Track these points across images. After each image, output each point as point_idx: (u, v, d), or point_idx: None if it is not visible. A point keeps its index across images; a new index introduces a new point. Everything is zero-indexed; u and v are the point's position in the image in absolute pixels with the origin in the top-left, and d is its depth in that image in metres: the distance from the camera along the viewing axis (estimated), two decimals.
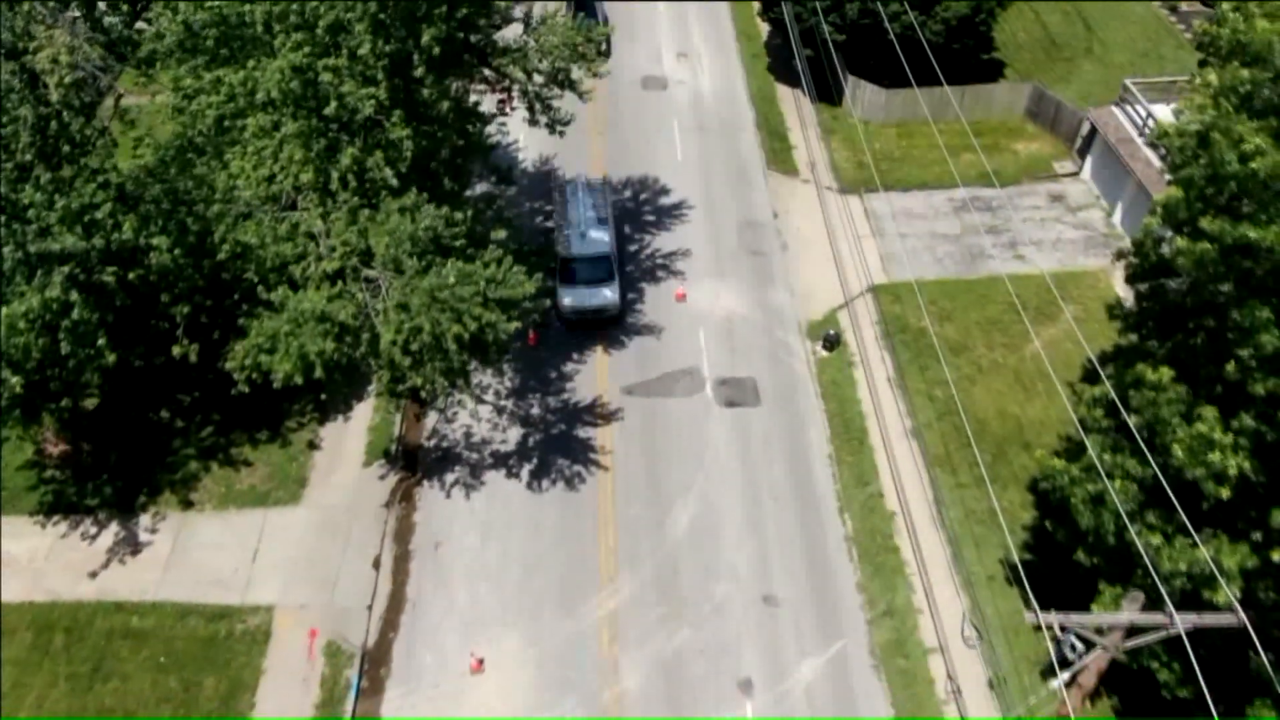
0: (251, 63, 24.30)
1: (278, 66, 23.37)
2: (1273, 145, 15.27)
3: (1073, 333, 33.02)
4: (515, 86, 29.67)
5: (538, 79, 29.68)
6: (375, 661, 27.56)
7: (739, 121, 46.19)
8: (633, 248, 39.68)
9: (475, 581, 29.21)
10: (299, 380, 25.04)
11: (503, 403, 34.15)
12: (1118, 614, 14.70)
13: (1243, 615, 14.71)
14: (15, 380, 24.77)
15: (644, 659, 27.40)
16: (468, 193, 31.12)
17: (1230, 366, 16.71)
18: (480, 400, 33.89)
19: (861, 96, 45.12)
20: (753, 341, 36.03)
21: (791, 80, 48.01)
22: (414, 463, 32.42)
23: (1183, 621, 14.27)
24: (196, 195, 27.21)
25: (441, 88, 26.31)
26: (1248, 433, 16.51)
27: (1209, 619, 15.16)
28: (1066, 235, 39.84)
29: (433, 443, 33.07)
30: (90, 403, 31.20)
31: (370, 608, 28.63)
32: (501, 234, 28.18)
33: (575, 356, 35.50)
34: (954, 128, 41.67)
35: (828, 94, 46.65)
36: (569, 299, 35.87)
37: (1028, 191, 41.97)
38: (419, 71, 24.84)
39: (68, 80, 23.07)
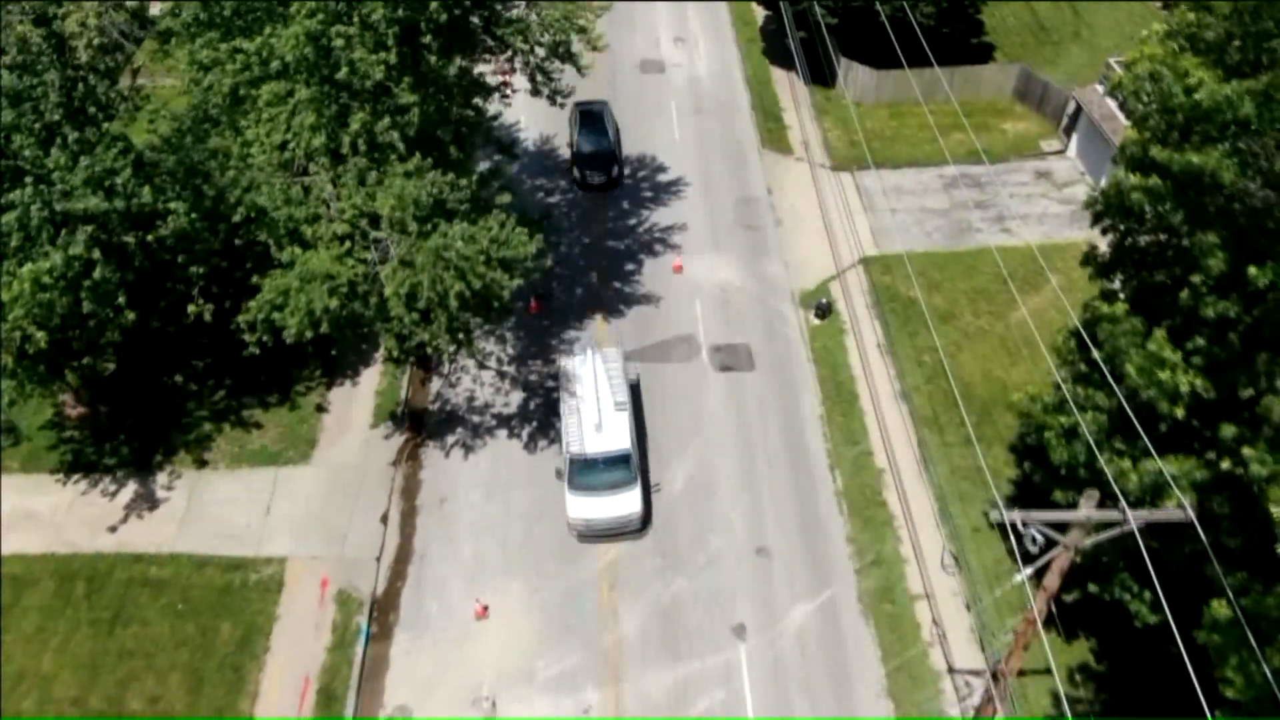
0: (268, 29, 25.45)
1: (293, 33, 24.54)
2: (1213, 78, 16.47)
3: (1057, 300, 34.28)
4: (518, 58, 30.81)
5: (540, 51, 30.83)
6: (384, 609, 28.71)
7: (734, 103, 47.36)
8: (631, 222, 40.84)
9: (480, 535, 30.36)
10: (309, 334, 26.22)
11: (505, 368, 35.31)
12: (1075, 511, 15.85)
13: (1189, 510, 15.85)
14: (40, 335, 25.88)
15: (642, 606, 28.56)
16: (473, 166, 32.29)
17: (1184, 293, 17.94)
18: (483, 366, 35.09)
19: (854, 78, 46.28)
20: (747, 310, 37.19)
21: (786, 64, 49.21)
22: (420, 425, 33.57)
23: (1135, 518, 15.41)
24: (211, 166, 28.38)
25: (448, 56, 27.46)
26: (1201, 352, 17.73)
27: (1159, 514, 16.29)
28: (1052, 210, 41.01)
29: (437, 406, 34.24)
30: (107, 365, 32.26)
31: (379, 559, 29.77)
32: (506, 199, 29.38)
33: (576, 324, 36.65)
34: (944, 108, 42.93)
35: (821, 76, 47.87)
36: (580, 510, 29.08)
37: (1015, 169, 43.14)
38: (426, 39, 25.99)
39: (95, 43, 24.24)
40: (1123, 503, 16.02)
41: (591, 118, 42.79)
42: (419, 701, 26.69)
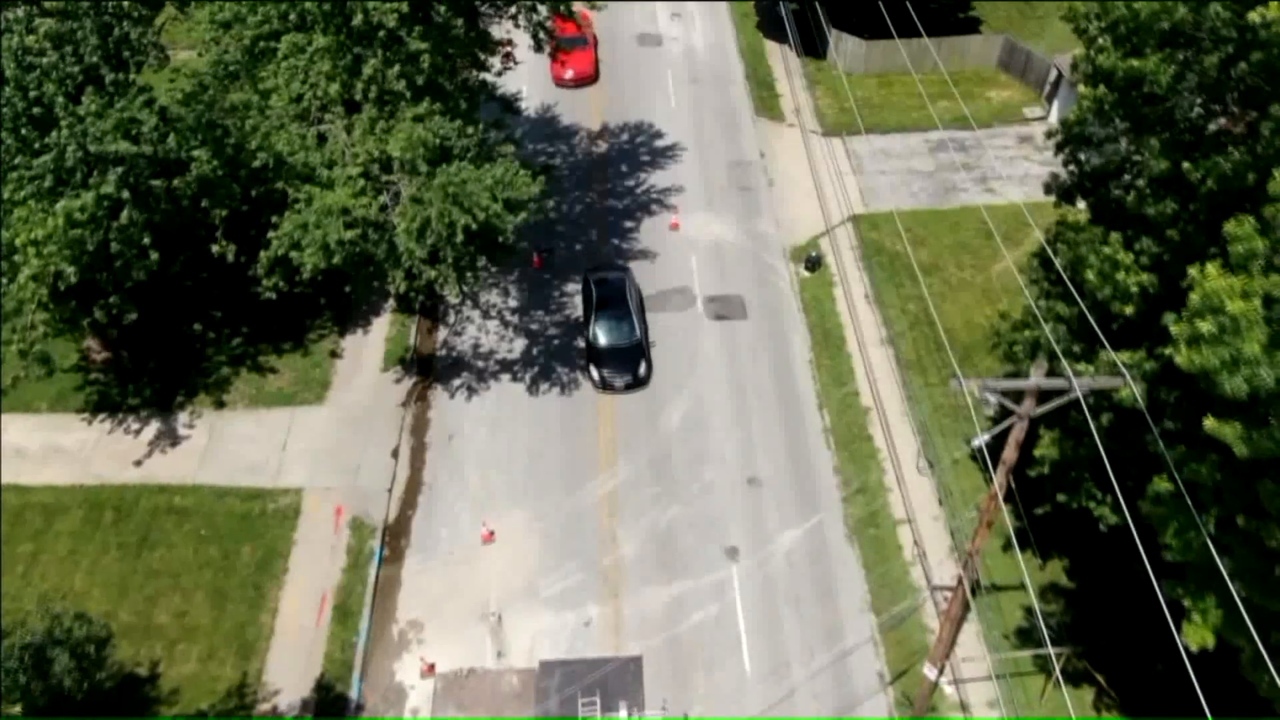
0: None
1: None
2: None
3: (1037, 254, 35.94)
4: (521, 15, 32.46)
5: (542, 10, 32.49)
6: (395, 534, 30.36)
7: (729, 74, 49.06)
8: (630, 184, 42.50)
9: (486, 468, 32.00)
10: (323, 265, 27.84)
11: (509, 318, 36.94)
12: (1026, 379, 17.49)
13: (1129, 378, 17.45)
14: (71, 270, 27.47)
15: (639, 531, 30.21)
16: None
17: (1131, 198, 19.61)
18: (487, 316, 36.76)
19: (844, 49, 47.94)
20: (740, 264, 38.87)
21: (779, 37, 50.95)
22: (428, 369, 35.23)
23: (1080, 385, 17.03)
24: (230, 122, 29.96)
25: (455, 9, 29.13)
26: (1147, 252, 19.41)
27: (1100, 381, 17.94)
28: (1033, 171, 42.57)
29: (444, 352, 35.88)
30: (129, 310, 33.84)
31: (390, 490, 31.41)
32: (510, 149, 31.06)
33: (576, 278, 38.24)
34: (930, 78, 44.57)
35: (813, 48, 49.58)
36: None
37: (998, 134, 44.82)
38: None
39: None
40: (1068, 370, 17.70)
41: (609, 293, 35.48)
42: (429, 616, 28.33)
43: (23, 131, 27.19)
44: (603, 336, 34.40)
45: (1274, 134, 16.07)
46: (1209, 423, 15.75)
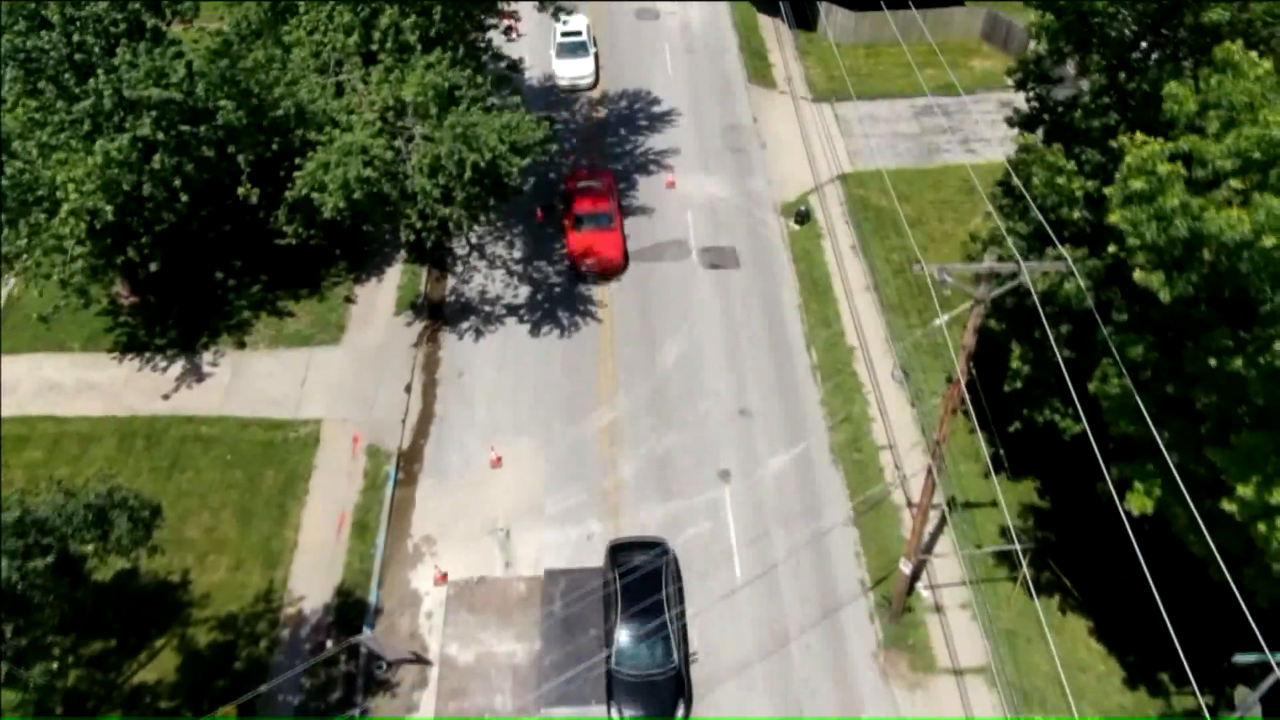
0: None
1: None
2: None
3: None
4: None
5: None
6: (409, 460, 32.36)
7: (723, 45, 51.12)
8: (628, 146, 44.52)
9: (493, 401, 34.02)
10: (344, 205, 29.84)
11: (513, 267, 38.97)
12: (980, 264, 19.51)
13: (1070, 261, 19.46)
14: (107, 209, 29.49)
15: (638, 456, 32.22)
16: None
17: (1078, 115, 21.66)
18: (493, 265, 38.79)
19: (834, 20, 50.03)
20: (733, 219, 40.90)
21: (771, 10, 52.99)
22: (438, 313, 37.24)
23: (1028, 268, 19.06)
24: (252, 82, 31.95)
25: None
26: (1091, 162, 21.50)
27: (1046, 264, 19.99)
28: (1013, 133, 44.54)
29: (453, 298, 37.90)
30: (156, 259, 35.86)
31: (404, 421, 33.40)
32: (516, 99, 33.10)
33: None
34: (916, 48, 46.53)
35: (804, 21, 51.64)
36: None
37: (980, 100, 46.82)
38: None
39: None
40: (1017, 256, 19.74)
41: (639, 591, 26.28)
42: (442, 532, 30.34)
43: (64, 78, 29.23)
44: (627, 658, 25.16)
45: (1189, 39, 18.10)
46: (1137, 274, 17.81)
